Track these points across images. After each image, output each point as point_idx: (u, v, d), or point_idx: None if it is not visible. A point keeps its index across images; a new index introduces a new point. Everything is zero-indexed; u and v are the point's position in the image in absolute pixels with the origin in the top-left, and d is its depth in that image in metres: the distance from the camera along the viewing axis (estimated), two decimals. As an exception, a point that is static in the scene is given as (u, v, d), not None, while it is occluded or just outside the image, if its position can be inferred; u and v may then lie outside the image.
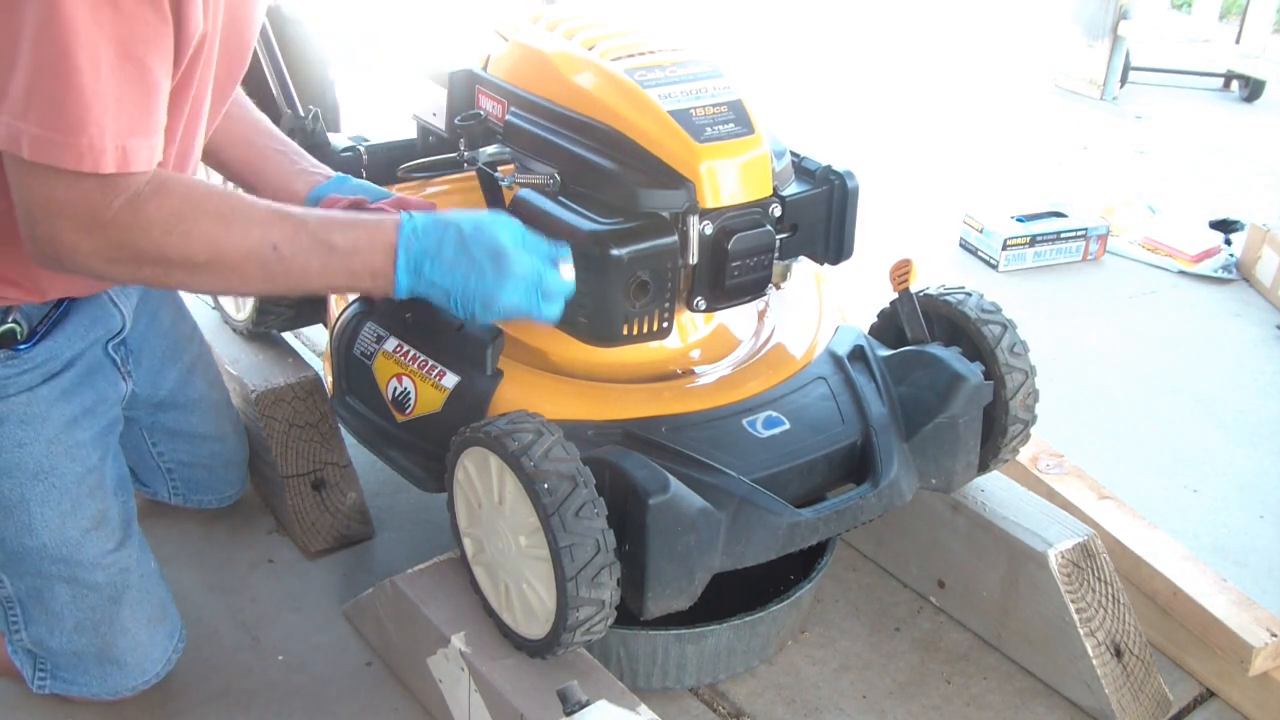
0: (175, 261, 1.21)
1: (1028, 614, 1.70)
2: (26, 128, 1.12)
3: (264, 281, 1.26)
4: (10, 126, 1.12)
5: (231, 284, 1.27)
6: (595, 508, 1.30)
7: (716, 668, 1.67)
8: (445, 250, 1.30)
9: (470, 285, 1.30)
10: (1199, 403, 2.57)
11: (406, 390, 1.54)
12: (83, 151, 1.12)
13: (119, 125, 1.14)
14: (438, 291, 1.32)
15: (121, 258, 1.20)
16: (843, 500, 1.48)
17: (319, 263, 1.26)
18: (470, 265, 1.30)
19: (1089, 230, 3.27)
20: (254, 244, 1.23)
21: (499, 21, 1.72)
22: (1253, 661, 1.63)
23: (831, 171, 1.56)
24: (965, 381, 1.55)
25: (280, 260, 1.24)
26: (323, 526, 1.95)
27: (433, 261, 1.30)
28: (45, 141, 1.12)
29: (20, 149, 1.13)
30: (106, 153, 1.13)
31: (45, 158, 1.13)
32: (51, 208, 1.16)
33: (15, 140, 1.13)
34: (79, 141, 1.12)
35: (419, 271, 1.30)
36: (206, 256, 1.21)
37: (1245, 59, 5.12)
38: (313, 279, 1.28)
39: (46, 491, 1.48)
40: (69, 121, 1.11)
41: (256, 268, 1.24)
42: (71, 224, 1.17)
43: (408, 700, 1.65)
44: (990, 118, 4.63)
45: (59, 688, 1.59)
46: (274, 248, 1.24)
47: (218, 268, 1.22)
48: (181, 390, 1.79)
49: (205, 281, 1.25)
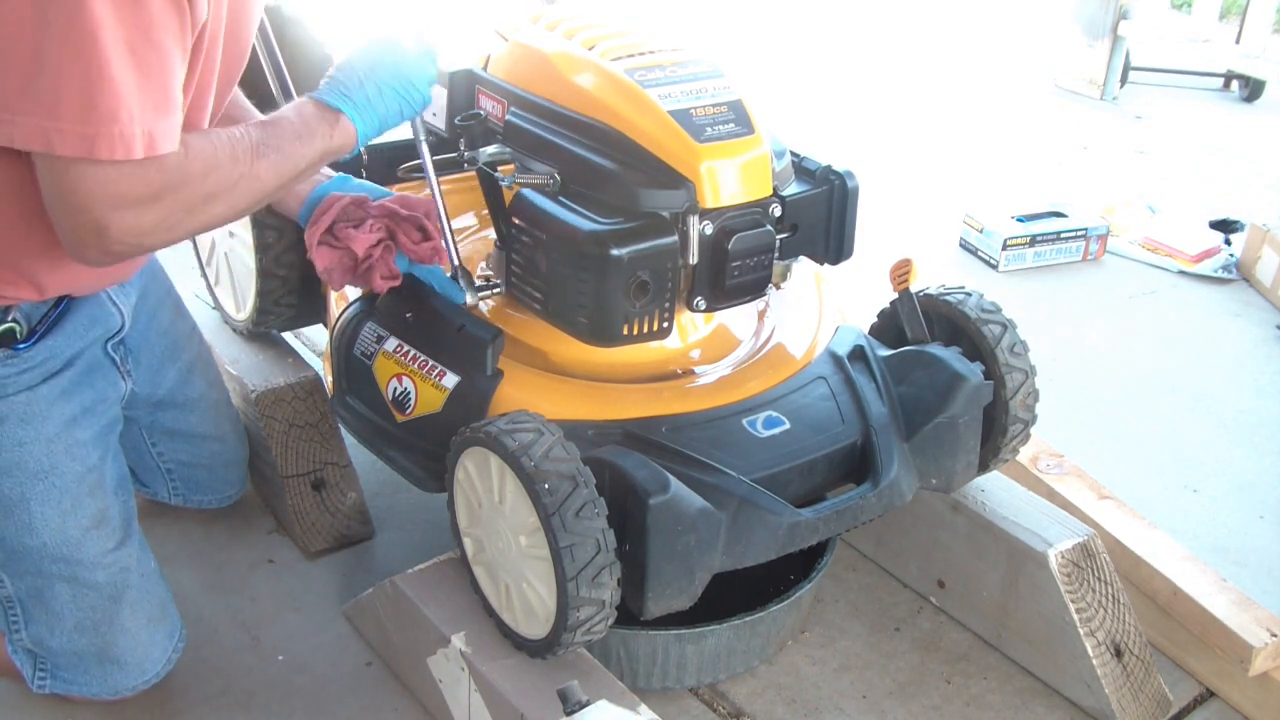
0: (217, 193, 1.30)
1: (1028, 614, 1.70)
2: (59, 125, 1.14)
3: (275, 176, 1.35)
4: (42, 128, 1.14)
5: (255, 192, 1.34)
6: (596, 508, 1.30)
7: (716, 668, 1.67)
8: (351, 71, 1.43)
9: (389, 76, 1.43)
10: (1199, 403, 2.57)
11: (407, 390, 1.54)
12: (114, 140, 1.16)
13: (144, 112, 1.18)
14: (376, 101, 1.42)
15: (176, 218, 1.27)
16: (843, 500, 1.48)
17: (294, 136, 1.37)
18: (375, 66, 1.43)
19: (1089, 230, 3.26)
20: (251, 146, 1.32)
21: (499, 21, 1.71)
22: (1253, 661, 1.63)
23: (831, 171, 1.56)
24: (965, 381, 1.55)
25: (274, 149, 1.34)
26: (323, 526, 1.95)
27: (348, 83, 1.41)
28: (79, 136, 1.15)
29: (54, 147, 1.15)
30: (135, 139, 1.17)
31: (82, 151, 1.15)
32: (103, 197, 1.19)
33: (48, 140, 1.15)
34: (112, 130, 1.15)
35: (347, 95, 1.41)
36: (235, 176, 1.31)
37: (1245, 59, 5.12)
38: (303, 154, 1.37)
39: (47, 490, 1.48)
40: (102, 114, 1.14)
41: (265, 166, 1.33)
42: (128, 207, 1.21)
43: (408, 700, 1.65)
44: (990, 118, 4.63)
45: (59, 687, 1.59)
46: (264, 143, 1.34)
47: (245, 181, 1.32)
48: (181, 389, 1.79)
49: (239, 200, 1.33)
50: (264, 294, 1.93)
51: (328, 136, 1.39)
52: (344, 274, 1.56)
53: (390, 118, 1.45)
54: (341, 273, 1.56)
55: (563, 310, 1.45)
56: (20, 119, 1.14)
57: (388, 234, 1.55)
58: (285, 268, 1.91)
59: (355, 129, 1.41)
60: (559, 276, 1.44)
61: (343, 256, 1.55)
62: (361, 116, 1.42)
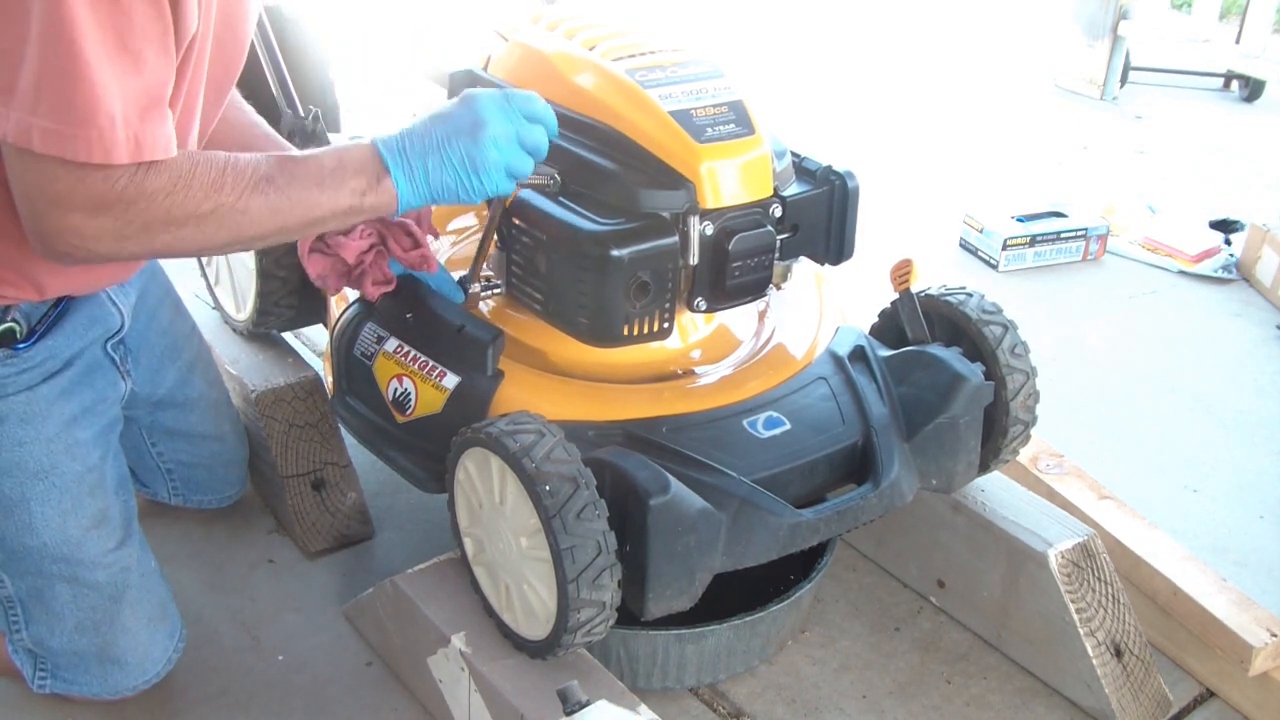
0: (182, 219, 1.21)
1: (1028, 614, 1.70)
2: (37, 121, 1.12)
3: (271, 216, 1.25)
4: (21, 121, 1.13)
5: (243, 228, 1.25)
6: (597, 510, 1.30)
7: (716, 668, 1.67)
8: (426, 132, 1.30)
9: (459, 155, 1.30)
10: (1199, 403, 2.57)
11: (407, 391, 1.54)
12: (92, 142, 1.13)
13: (128, 115, 1.15)
14: (434, 175, 1.31)
15: (130, 233, 1.20)
16: (843, 501, 1.48)
17: (313, 181, 1.26)
18: (453, 136, 1.30)
19: (1089, 230, 3.26)
20: (249, 179, 1.23)
21: (499, 22, 1.72)
22: (1253, 661, 1.63)
23: (832, 172, 1.56)
24: (966, 382, 1.55)
25: (279, 190, 1.24)
26: (323, 526, 1.95)
27: (413, 143, 1.30)
28: (56, 134, 1.13)
29: (31, 143, 1.13)
30: (119, 144, 1.14)
31: (56, 150, 1.13)
32: (59, 199, 1.17)
33: (26, 134, 1.13)
34: (89, 133, 1.13)
35: (405, 155, 1.30)
36: (211, 205, 1.22)
37: (1245, 59, 5.11)
38: (318, 203, 1.27)
39: (47, 490, 1.48)
40: (79, 114, 1.12)
41: (260, 203, 1.24)
42: (81, 212, 1.17)
43: (408, 700, 1.65)
44: (990, 118, 4.63)
45: (59, 687, 1.59)
46: (268, 179, 1.24)
47: (223, 212, 1.22)
48: (180, 389, 1.79)
49: (216, 232, 1.24)
50: (264, 295, 1.94)
51: (359, 193, 1.28)
52: (338, 279, 1.56)
53: (441, 196, 1.33)
54: (336, 278, 1.56)
55: (563, 311, 1.45)
56: (12, 114, 1.13)
57: (379, 239, 1.54)
58: (285, 269, 1.91)
59: (397, 194, 1.30)
60: (559, 277, 1.44)
61: (335, 263, 1.55)
62: (411, 184, 1.30)
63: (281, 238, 1.30)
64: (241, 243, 1.27)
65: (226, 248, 1.28)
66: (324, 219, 1.29)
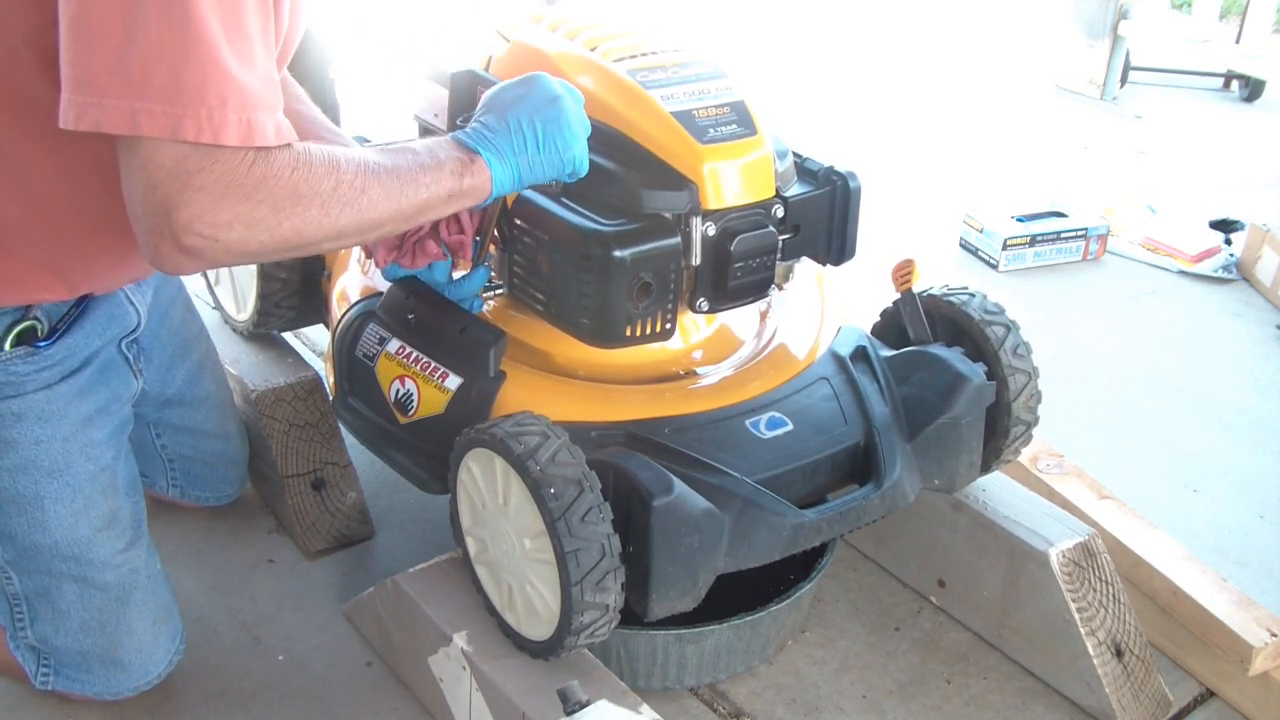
0: (309, 195, 1.19)
1: (1028, 613, 1.70)
2: (147, 105, 1.09)
3: (385, 198, 1.24)
4: (130, 109, 1.09)
5: (363, 210, 1.23)
6: (601, 512, 1.30)
7: (716, 667, 1.67)
8: (501, 113, 1.33)
9: (542, 131, 1.33)
10: (1199, 403, 2.57)
11: (409, 392, 1.54)
12: (203, 121, 1.10)
13: (240, 99, 1.12)
14: (520, 154, 1.32)
15: (260, 215, 1.16)
16: (846, 501, 1.48)
17: (415, 163, 1.27)
18: (533, 114, 1.33)
19: (1089, 230, 3.27)
20: (357, 161, 1.23)
21: (501, 22, 1.71)
22: (1253, 661, 1.64)
23: (834, 172, 1.56)
24: (968, 382, 1.55)
25: (387, 171, 1.24)
26: (323, 526, 1.95)
27: (491, 126, 1.32)
28: (168, 115, 1.09)
29: (140, 129, 1.09)
30: (229, 124, 1.11)
31: (169, 132, 1.09)
32: (187, 182, 1.12)
33: (135, 122, 1.09)
34: (199, 111, 1.10)
35: (488, 138, 1.31)
36: (333, 181, 1.20)
37: (1245, 59, 5.11)
38: (425, 183, 1.27)
39: (61, 489, 1.48)
40: (190, 93, 1.09)
41: (374, 184, 1.23)
42: (211, 194, 1.13)
43: (408, 700, 1.65)
44: (990, 118, 4.63)
45: (61, 685, 1.59)
46: (374, 162, 1.24)
47: (344, 191, 1.21)
48: (189, 388, 1.79)
49: (340, 213, 1.21)
50: (265, 296, 1.94)
51: (458, 175, 1.28)
52: (388, 252, 1.55)
53: (536, 173, 1.34)
54: (385, 250, 1.55)
55: (565, 311, 1.45)
56: (108, 101, 1.09)
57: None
58: (286, 270, 1.91)
59: (491, 174, 1.30)
60: (561, 278, 1.44)
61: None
62: (502, 162, 1.30)
63: (395, 225, 1.28)
64: (360, 229, 1.25)
65: (343, 236, 1.24)
66: (430, 203, 1.28)
